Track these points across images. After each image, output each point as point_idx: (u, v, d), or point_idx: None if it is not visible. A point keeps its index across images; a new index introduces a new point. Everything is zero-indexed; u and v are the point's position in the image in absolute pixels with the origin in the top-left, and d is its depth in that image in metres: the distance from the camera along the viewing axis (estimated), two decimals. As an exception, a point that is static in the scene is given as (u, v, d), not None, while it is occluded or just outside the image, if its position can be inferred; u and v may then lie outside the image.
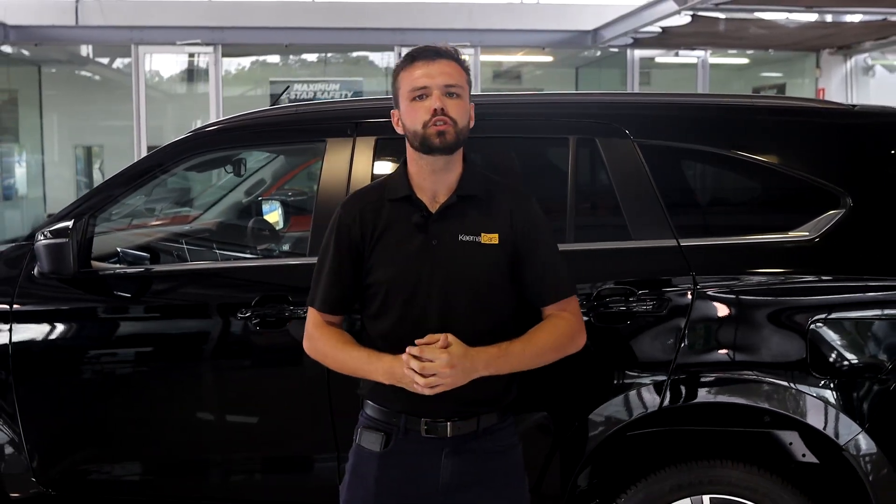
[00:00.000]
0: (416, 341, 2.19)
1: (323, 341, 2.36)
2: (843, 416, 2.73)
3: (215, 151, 3.45)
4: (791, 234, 2.86)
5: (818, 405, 2.74)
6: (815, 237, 2.82)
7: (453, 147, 2.27)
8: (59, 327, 3.18)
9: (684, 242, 2.85)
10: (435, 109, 2.23)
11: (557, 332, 2.34)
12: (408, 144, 2.33)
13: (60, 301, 3.17)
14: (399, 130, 2.35)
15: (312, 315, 2.40)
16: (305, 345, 2.42)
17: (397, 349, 2.24)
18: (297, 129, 3.28)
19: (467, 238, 2.29)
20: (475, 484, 2.30)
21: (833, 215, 2.83)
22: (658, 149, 2.96)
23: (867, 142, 2.97)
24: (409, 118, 2.28)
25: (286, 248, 4.45)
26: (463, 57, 2.35)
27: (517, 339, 2.29)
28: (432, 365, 2.14)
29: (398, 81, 2.32)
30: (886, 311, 2.76)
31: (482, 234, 2.29)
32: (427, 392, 2.16)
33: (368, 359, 2.27)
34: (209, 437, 3.14)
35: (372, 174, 3.01)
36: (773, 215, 3.02)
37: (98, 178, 13.87)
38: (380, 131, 3.08)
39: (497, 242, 2.30)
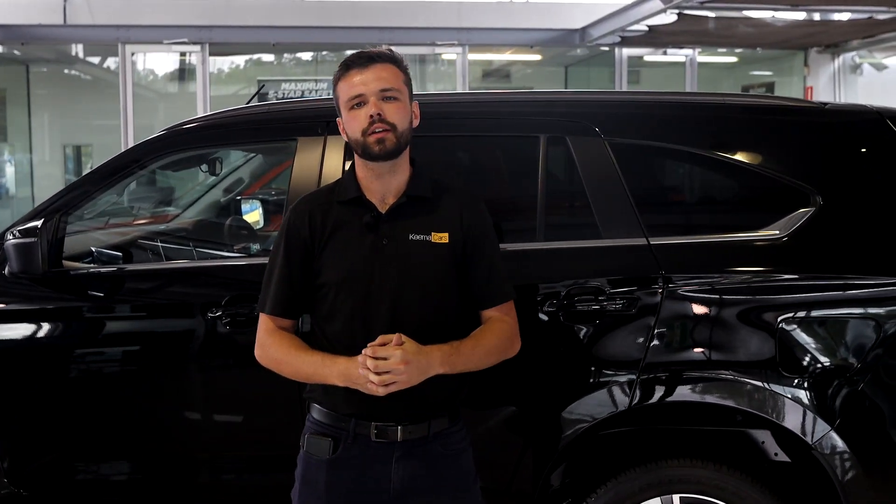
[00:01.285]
0: (369, 344, 2.16)
1: (275, 347, 2.32)
2: (812, 415, 2.72)
3: (188, 150, 3.43)
4: (761, 232, 2.86)
5: (787, 404, 2.73)
6: (785, 236, 2.82)
7: (394, 152, 2.26)
8: (30, 327, 3.16)
9: (654, 241, 2.85)
10: (371, 116, 2.22)
11: (502, 336, 2.34)
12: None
13: (31, 301, 3.15)
14: (344, 138, 2.35)
15: (264, 321, 2.37)
16: (257, 353, 2.37)
17: (349, 349, 2.23)
18: (268, 128, 3.27)
19: (418, 237, 2.28)
20: (426, 489, 2.28)
21: (803, 213, 2.83)
22: (628, 147, 2.96)
23: (837, 140, 2.96)
24: (350, 127, 2.29)
25: (265, 247, 4.43)
26: (399, 56, 2.33)
27: (467, 339, 2.28)
28: (386, 363, 2.11)
29: (337, 91, 2.32)
30: (855, 310, 2.76)
31: (433, 234, 2.29)
32: (381, 391, 2.13)
33: (323, 362, 2.24)
34: (182, 437, 3.13)
35: (343, 172, 3.00)
36: (743, 214, 3.02)
37: (88, 178, 13.80)
38: (351, 130, 3.06)
39: (447, 241, 2.29)
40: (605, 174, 2.92)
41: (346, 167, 3.02)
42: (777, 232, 2.84)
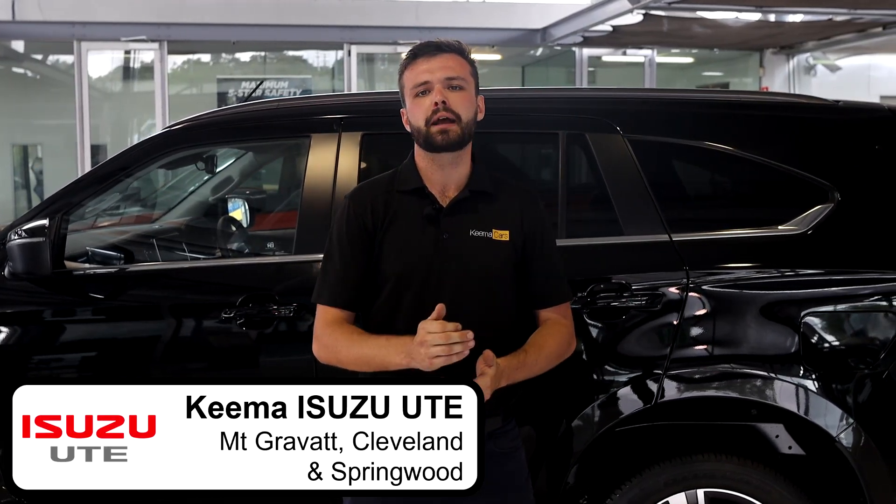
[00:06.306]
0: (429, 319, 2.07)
1: (334, 337, 2.24)
2: (834, 408, 2.76)
3: (193, 148, 3.35)
4: (780, 227, 2.89)
5: (810, 397, 2.77)
6: (805, 230, 2.85)
7: (457, 144, 2.22)
8: (32, 329, 3.06)
9: (676, 237, 2.86)
10: (436, 103, 2.19)
11: (560, 339, 2.32)
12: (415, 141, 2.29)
13: (33, 303, 3.05)
14: (407, 128, 2.30)
15: (322, 314, 2.30)
16: (315, 348, 2.29)
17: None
18: (280, 125, 3.20)
19: (478, 233, 2.25)
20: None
21: (821, 209, 2.87)
22: (648, 144, 2.97)
23: (852, 137, 3.01)
24: (413, 115, 2.24)
25: (255, 246, 4.36)
26: (467, 48, 2.30)
27: (529, 349, 2.25)
28: (481, 379, 2.08)
29: (402, 79, 2.28)
30: (876, 303, 2.80)
31: (493, 231, 2.26)
32: (455, 359, 2.04)
33: (388, 341, 2.15)
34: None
35: (358, 170, 2.97)
36: (763, 210, 3.04)
37: (33, 178, 13.53)
38: (366, 127, 3.04)
39: (508, 239, 2.26)
40: (625, 171, 2.92)
41: (362, 165, 2.99)
42: (796, 227, 2.87)
